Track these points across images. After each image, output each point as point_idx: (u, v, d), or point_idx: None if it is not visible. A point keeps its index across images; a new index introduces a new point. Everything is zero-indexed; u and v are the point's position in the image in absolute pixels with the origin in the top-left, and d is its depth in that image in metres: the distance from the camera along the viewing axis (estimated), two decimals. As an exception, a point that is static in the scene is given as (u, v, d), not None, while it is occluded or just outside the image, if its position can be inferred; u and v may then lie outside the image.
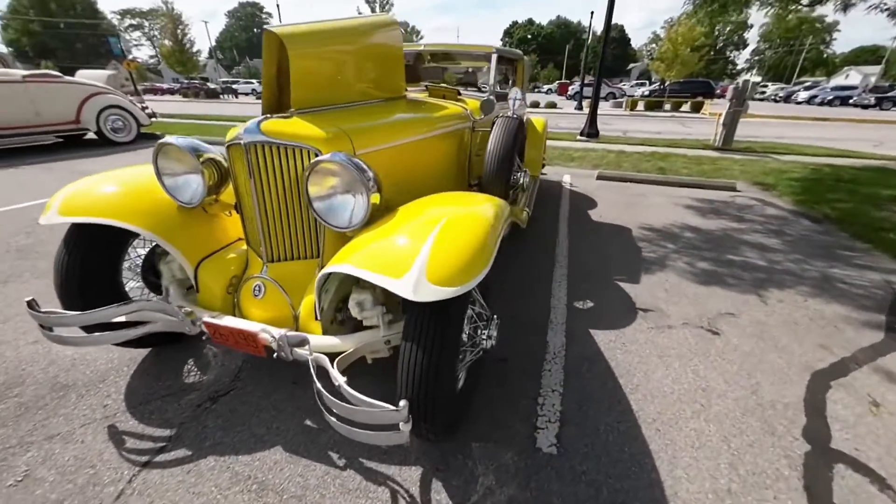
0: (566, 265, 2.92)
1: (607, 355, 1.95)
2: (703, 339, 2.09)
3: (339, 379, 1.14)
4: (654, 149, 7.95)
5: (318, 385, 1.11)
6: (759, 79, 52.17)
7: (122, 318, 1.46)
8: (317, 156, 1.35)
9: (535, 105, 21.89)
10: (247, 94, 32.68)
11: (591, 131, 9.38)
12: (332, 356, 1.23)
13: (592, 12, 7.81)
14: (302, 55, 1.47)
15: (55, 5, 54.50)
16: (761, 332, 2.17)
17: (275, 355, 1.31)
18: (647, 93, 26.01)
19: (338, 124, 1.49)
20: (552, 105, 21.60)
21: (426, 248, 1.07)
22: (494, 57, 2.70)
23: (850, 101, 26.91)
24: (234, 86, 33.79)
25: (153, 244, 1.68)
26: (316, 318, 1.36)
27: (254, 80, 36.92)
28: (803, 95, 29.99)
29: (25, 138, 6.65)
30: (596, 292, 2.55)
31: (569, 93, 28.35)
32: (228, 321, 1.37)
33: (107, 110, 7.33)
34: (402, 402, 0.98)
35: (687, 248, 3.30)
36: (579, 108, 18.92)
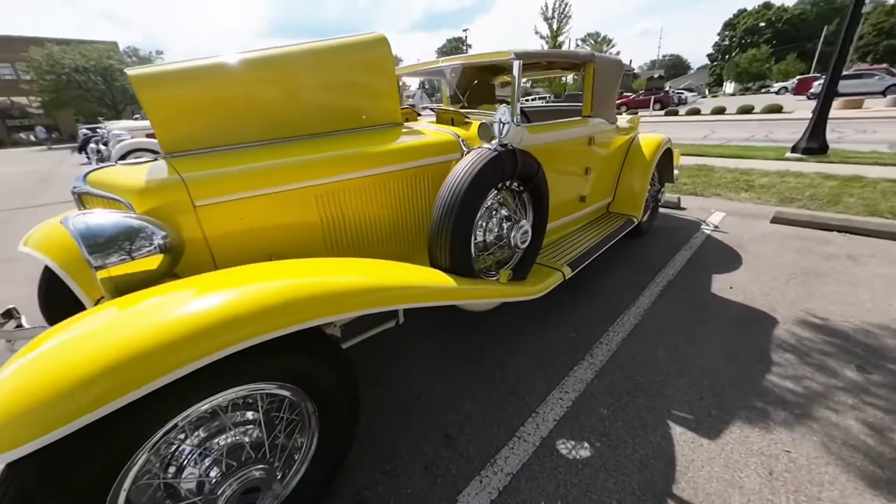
0: (598, 367, 1.89)
1: (530, 580, 1.07)
2: None
3: None
4: (938, 174, 4.74)
5: None
6: None
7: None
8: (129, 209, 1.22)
9: (749, 111, 16.94)
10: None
11: (809, 145, 6.44)
12: None
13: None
14: (156, 98, 1.37)
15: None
16: None
17: None
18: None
19: (184, 170, 1.29)
20: (774, 109, 16.23)
21: (22, 361, 0.75)
22: (517, 64, 1.98)
23: None
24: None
25: None
26: None
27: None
28: None
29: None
30: (613, 431, 1.52)
31: (811, 90, 20.80)
32: None
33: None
34: None
35: (893, 388, 1.67)
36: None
